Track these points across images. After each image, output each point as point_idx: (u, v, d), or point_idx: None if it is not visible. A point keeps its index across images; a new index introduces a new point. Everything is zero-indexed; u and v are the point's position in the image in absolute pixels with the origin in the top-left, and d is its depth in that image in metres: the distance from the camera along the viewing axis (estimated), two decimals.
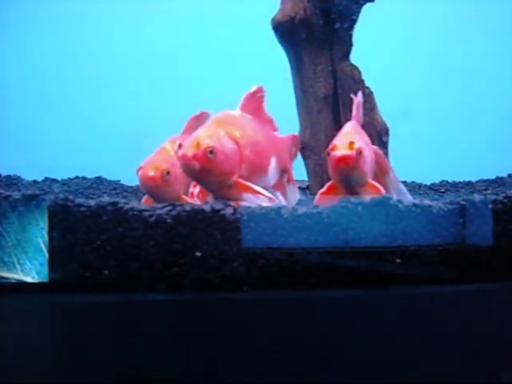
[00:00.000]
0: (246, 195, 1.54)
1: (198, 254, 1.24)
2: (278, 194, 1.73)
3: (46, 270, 1.26)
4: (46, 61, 2.81)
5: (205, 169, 1.48)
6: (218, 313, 1.23)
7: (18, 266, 1.30)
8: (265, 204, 1.48)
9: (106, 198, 1.29)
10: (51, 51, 2.81)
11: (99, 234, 1.25)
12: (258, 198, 1.53)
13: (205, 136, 1.51)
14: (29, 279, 1.29)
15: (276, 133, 1.76)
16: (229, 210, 1.27)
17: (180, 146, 1.53)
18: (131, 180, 2.45)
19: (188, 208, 1.26)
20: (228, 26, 2.75)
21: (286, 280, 1.26)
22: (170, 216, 1.25)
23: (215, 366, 1.21)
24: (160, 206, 1.28)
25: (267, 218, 1.28)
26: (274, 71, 2.29)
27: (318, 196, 1.70)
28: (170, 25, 2.81)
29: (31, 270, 1.29)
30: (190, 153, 1.47)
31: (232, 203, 1.34)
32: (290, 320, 1.24)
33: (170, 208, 1.26)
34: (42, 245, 1.27)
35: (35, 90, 2.78)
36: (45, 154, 2.71)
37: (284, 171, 1.77)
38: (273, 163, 1.68)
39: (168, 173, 1.71)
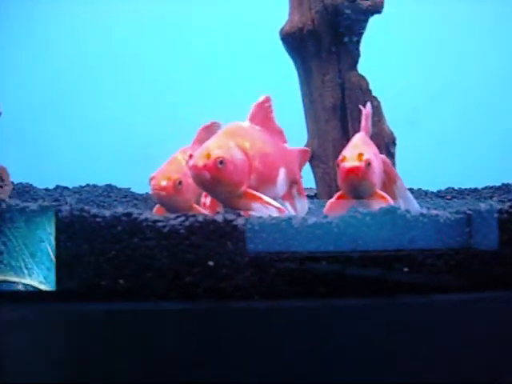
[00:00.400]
0: (256, 205, 1.56)
1: (211, 263, 1.27)
2: (287, 204, 1.74)
3: (53, 275, 1.29)
4: (52, 66, 2.82)
5: (215, 179, 1.50)
6: (229, 321, 1.26)
7: (25, 271, 1.32)
8: (274, 214, 1.50)
9: (119, 209, 1.32)
10: (60, 56, 2.83)
11: (114, 243, 1.28)
12: (267, 208, 1.55)
13: (215, 147, 1.53)
14: (36, 283, 1.31)
15: (285, 144, 1.78)
16: (240, 221, 1.29)
17: (190, 156, 1.55)
18: (141, 187, 2.47)
19: (200, 218, 1.29)
20: (235, 32, 2.76)
21: (296, 289, 1.28)
22: (183, 226, 1.28)
23: (230, 375, 1.24)
24: (173, 216, 1.30)
25: (278, 228, 1.30)
26: (281, 79, 2.31)
27: (327, 206, 1.72)
28: (177, 31, 2.82)
29: (39, 276, 1.31)
30: (201, 163, 1.49)
31: (242, 213, 1.36)
32: (299, 328, 1.26)
33: (183, 219, 1.29)
34: (50, 251, 1.30)
35: (42, 96, 2.80)
36: (51, 160, 2.72)
37: (293, 182, 1.79)
38: (282, 174, 1.70)
39: (180, 182, 1.72)
